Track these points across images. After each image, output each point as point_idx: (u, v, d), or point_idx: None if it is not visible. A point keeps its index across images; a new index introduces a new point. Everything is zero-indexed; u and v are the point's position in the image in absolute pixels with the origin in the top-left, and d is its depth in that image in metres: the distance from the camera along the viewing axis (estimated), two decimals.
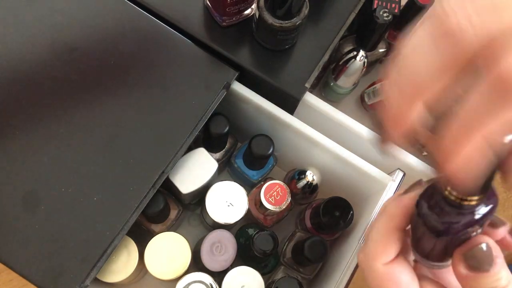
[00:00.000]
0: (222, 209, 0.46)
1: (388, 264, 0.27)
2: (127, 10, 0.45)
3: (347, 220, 0.49)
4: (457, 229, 0.23)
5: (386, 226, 0.27)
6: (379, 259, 0.27)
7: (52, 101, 0.42)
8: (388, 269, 0.26)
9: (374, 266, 0.27)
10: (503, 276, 0.23)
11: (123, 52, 0.44)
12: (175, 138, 0.42)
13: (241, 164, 0.52)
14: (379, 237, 0.27)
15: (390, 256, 0.27)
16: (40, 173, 0.39)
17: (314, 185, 0.51)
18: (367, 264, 0.27)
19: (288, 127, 0.47)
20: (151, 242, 0.45)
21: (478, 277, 0.24)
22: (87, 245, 0.38)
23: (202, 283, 0.44)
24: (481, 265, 0.23)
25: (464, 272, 0.24)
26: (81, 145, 0.41)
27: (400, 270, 0.27)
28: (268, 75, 0.45)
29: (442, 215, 0.24)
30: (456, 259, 0.24)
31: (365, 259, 0.28)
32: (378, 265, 0.27)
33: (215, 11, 0.45)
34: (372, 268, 0.27)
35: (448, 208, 0.23)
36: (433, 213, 0.24)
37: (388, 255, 0.27)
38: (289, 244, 0.52)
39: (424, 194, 0.25)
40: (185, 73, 0.44)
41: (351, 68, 0.54)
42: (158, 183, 0.41)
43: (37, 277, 0.37)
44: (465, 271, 0.24)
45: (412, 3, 0.56)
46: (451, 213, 0.23)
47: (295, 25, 0.42)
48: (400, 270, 0.27)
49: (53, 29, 0.43)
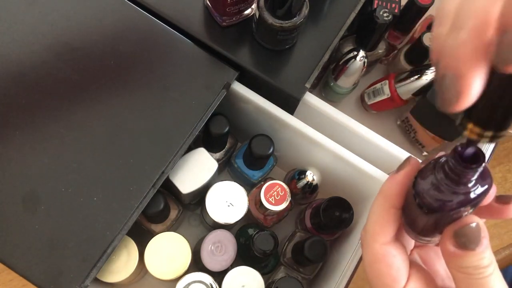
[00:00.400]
0: (222, 209, 0.46)
1: (384, 245, 0.27)
2: (127, 10, 0.45)
3: (347, 220, 0.49)
4: (451, 206, 0.24)
5: (382, 205, 0.28)
6: (376, 239, 0.28)
7: (52, 101, 0.42)
8: (384, 250, 0.27)
9: (371, 245, 0.28)
10: (486, 256, 0.24)
11: (123, 52, 0.44)
12: (175, 138, 0.42)
13: (241, 164, 0.52)
14: (376, 216, 0.28)
15: (388, 236, 0.28)
16: (40, 173, 0.39)
17: (314, 185, 0.51)
18: (365, 242, 0.28)
19: (288, 127, 0.47)
20: (151, 242, 0.45)
21: (464, 255, 0.24)
22: (87, 245, 0.38)
23: (202, 283, 0.44)
24: (469, 243, 0.24)
25: (451, 249, 0.25)
26: (81, 145, 0.41)
27: (394, 253, 0.27)
28: (268, 75, 0.45)
29: (438, 192, 0.24)
30: (445, 236, 0.25)
31: (365, 237, 0.29)
32: (375, 244, 0.28)
33: (215, 11, 0.45)
34: (369, 246, 0.28)
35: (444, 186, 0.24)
36: (429, 190, 0.24)
37: (386, 235, 0.28)
38: (289, 244, 0.52)
39: (421, 171, 0.26)
40: (185, 73, 0.44)
41: (351, 68, 0.54)
42: (158, 183, 0.41)
43: (37, 277, 0.37)
44: (453, 249, 0.25)
45: (412, 3, 0.56)
46: (447, 190, 0.24)
47: (295, 25, 0.42)
48: (394, 254, 0.27)
49: (53, 29, 0.43)
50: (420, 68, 0.56)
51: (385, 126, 0.66)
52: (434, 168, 0.25)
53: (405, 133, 0.64)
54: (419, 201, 0.25)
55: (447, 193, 0.24)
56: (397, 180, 0.28)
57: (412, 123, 0.61)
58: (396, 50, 0.64)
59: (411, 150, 0.63)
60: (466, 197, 0.24)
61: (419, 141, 0.62)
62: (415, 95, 0.57)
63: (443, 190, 0.24)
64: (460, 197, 0.24)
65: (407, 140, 0.65)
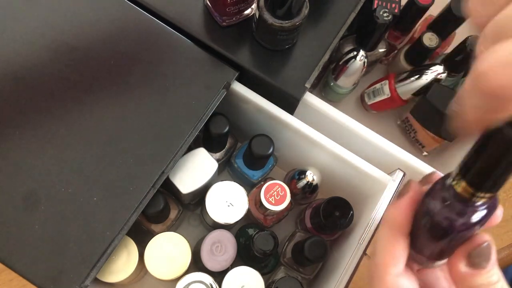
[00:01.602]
0: (222, 209, 0.46)
1: (397, 277, 0.27)
2: (127, 10, 0.45)
3: (347, 220, 0.49)
4: (464, 226, 0.24)
5: (389, 235, 0.27)
6: (388, 271, 0.27)
7: (52, 101, 0.42)
8: (398, 283, 0.27)
9: (383, 278, 0.27)
10: (495, 272, 0.24)
11: (123, 52, 0.44)
12: (175, 138, 0.42)
13: (241, 164, 0.52)
14: (385, 247, 0.27)
15: (399, 266, 0.27)
16: (40, 173, 0.39)
17: (314, 185, 0.51)
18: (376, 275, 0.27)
19: (288, 127, 0.47)
20: (151, 242, 0.45)
21: (476, 274, 0.24)
22: (87, 245, 0.38)
23: (202, 283, 0.44)
24: (482, 262, 0.24)
25: (463, 270, 0.24)
26: (81, 145, 0.41)
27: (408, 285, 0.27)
28: (268, 75, 0.45)
29: (450, 212, 0.24)
30: (457, 257, 0.25)
31: (375, 270, 0.28)
32: (387, 277, 0.27)
33: (215, 11, 0.45)
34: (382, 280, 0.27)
35: (456, 205, 0.24)
36: (440, 210, 0.24)
37: (397, 266, 0.27)
38: (289, 244, 0.52)
39: (430, 192, 0.26)
40: (185, 73, 0.44)
41: (351, 68, 0.54)
42: (158, 183, 0.41)
43: (37, 277, 0.37)
44: (465, 269, 0.24)
45: (412, 3, 0.56)
46: (459, 210, 0.24)
47: (295, 25, 0.42)
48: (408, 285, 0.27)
49: (53, 29, 0.43)
50: (420, 68, 0.56)
51: (385, 126, 0.66)
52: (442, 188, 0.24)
53: (405, 133, 0.64)
54: (429, 222, 0.25)
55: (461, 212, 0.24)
56: (401, 206, 0.27)
57: (412, 123, 0.61)
58: (396, 50, 0.64)
59: (411, 150, 0.63)
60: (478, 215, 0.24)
61: (419, 141, 0.62)
62: (415, 95, 0.57)
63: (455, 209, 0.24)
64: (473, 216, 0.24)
65: (407, 140, 0.65)
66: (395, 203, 0.27)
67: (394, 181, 0.45)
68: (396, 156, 0.48)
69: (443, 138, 0.58)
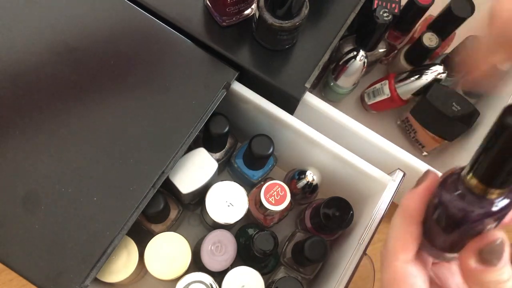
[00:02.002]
0: (222, 209, 0.46)
1: (406, 263, 0.27)
2: (127, 10, 0.45)
3: (347, 220, 0.49)
4: (476, 218, 0.24)
5: (403, 221, 0.27)
6: (398, 257, 0.27)
7: (52, 101, 0.42)
8: (405, 270, 0.27)
9: (392, 263, 0.27)
10: (506, 270, 0.24)
11: (123, 52, 0.44)
12: (175, 138, 0.42)
13: (241, 164, 0.52)
14: (398, 233, 0.27)
15: (410, 254, 0.27)
16: (40, 173, 0.39)
17: (314, 185, 0.51)
18: (386, 260, 0.28)
19: (288, 127, 0.47)
20: (151, 242, 0.45)
21: (485, 271, 0.24)
22: (87, 245, 0.38)
23: (202, 283, 0.44)
24: (493, 259, 0.24)
25: (473, 266, 0.24)
26: (81, 145, 0.41)
27: (415, 274, 0.27)
28: (268, 75, 0.45)
29: (463, 203, 0.24)
30: (467, 252, 0.25)
31: (385, 255, 0.28)
32: (396, 263, 0.27)
33: (215, 11, 0.45)
34: (390, 265, 0.27)
35: (469, 197, 0.24)
36: (453, 201, 0.24)
37: (408, 253, 0.27)
38: (289, 244, 0.52)
39: (444, 182, 0.26)
40: (185, 73, 0.44)
41: (351, 68, 0.54)
42: (158, 183, 0.41)
43: (37, 277, 0.37)
44: (475, 265, 0.24)
45: (412, 3, 0.56)
46: (472, 201, 0.24)
47: (295, 25, 0.42)
48: (416, 274, 0.27)
49: (53, 29, 0.43)
50: (420, 68, 0.56)
51: (385, 126, 0.66)
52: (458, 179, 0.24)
53: (405, 133, 0.64)
54: (442, 212, 0.25)
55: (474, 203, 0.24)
56: (418, 194, 0.27)
57: (412, 123, 0.61)
58: (396, 50, 0.64)
59: (411, 150, 0.63)
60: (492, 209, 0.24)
61: (419, 141, 0.62)
62: (415, 95, 0.57)
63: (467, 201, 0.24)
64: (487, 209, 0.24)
65: (407, 140, 0.65)
66: (411, 191, 0.27)
67: (394, 181, 0.45)
68: (396, 156, 0.48)
69: (443, 138, 0.58)
